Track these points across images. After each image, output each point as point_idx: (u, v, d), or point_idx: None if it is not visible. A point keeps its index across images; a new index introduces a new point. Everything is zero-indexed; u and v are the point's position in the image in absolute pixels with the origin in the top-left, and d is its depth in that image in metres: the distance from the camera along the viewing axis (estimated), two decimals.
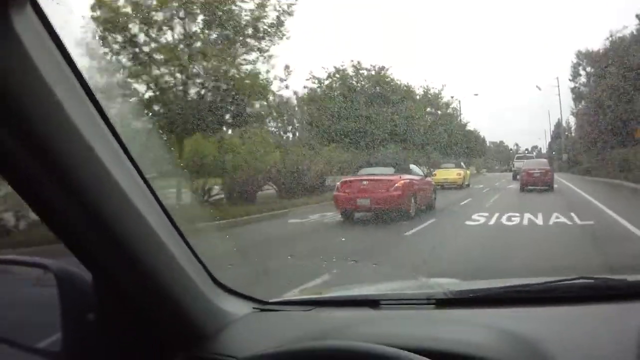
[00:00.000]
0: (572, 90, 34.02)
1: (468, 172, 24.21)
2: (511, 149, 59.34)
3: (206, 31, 13.50)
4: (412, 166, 14.24)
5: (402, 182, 12.36)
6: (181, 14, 12.96)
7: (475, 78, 67.83)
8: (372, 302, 1.60)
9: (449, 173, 21.92)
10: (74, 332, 1.25)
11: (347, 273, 4.98)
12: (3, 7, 0.86)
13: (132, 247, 1.16)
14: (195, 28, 13.33)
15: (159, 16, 12.70)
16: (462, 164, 24.18)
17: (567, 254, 7.14)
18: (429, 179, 14.61)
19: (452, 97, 30.65)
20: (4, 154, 0.96)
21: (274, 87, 15.32)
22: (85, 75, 1.04)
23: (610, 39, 26.61)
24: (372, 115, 22.13)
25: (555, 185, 19.59)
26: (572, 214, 10.99)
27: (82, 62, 1.04)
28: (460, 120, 32.18)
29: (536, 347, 1.20)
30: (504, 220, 11.04)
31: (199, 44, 13.39)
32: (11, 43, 0.88)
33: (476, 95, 42.68)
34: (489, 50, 72.38)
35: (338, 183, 13.08)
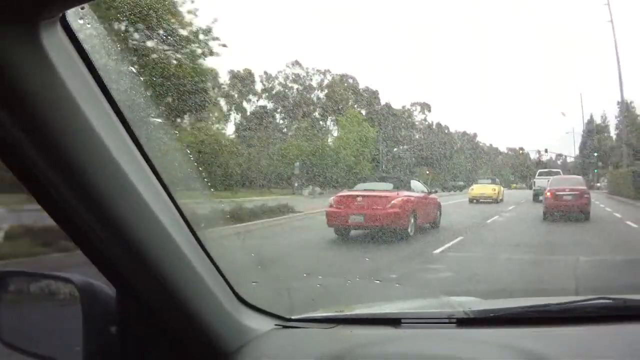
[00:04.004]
0: None
1: (502, 188, 25.31)
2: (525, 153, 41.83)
3: None
4: (413, 182, 13.54)
5: (400, 199, 11.77)
6: None
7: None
8: (393, 321, 1.60)
9: (485, 188, 23.32)
10: (95, 344, 1.26)
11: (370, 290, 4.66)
12: (34, 24, 0.89)
13: (156, 263, 1.17)
14: None
15: None
16: (496, 180, 25.94)
17: None
18: (433, 195, 13.73)
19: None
20: (29, 166, 0.98)
21: None
22: (114, 92, 1.06)
23: None
24: None
25: None
26: None
27: (108, 78, 1.06)
28: None
29: None
30: None
31: None
32: (40, 59, 0.90)
33: None
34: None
35: (331, 198, 12.59)
